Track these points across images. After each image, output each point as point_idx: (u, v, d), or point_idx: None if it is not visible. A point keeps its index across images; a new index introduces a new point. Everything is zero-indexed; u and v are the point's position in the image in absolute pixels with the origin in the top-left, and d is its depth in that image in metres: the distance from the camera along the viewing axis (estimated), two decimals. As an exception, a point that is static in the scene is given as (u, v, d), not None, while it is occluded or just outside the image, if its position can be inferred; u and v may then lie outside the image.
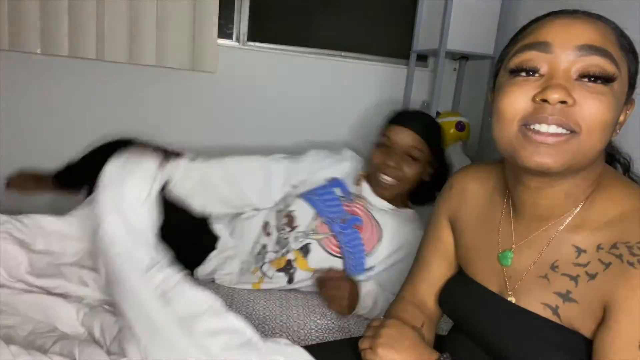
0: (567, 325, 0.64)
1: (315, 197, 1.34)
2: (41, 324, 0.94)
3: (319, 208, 1.31)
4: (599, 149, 0.61)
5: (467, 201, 0.84)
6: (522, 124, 0.61)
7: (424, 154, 1.30)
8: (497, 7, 1.86)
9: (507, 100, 0.63)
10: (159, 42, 1.79)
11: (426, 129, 1.32)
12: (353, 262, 1.25)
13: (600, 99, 0.58)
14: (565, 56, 0.60)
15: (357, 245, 1.25)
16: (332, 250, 1.25)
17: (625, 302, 0.58)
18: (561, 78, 0.59)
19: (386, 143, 1.32)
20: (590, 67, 0.58)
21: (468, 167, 0.89)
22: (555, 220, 0.68)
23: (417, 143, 1.29)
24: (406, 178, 1.30)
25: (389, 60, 2.22)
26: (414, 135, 1.29)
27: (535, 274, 0.69)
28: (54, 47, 1.68)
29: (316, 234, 1.27)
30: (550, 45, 0.61)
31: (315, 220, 1.29)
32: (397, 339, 0.77)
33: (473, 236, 0.81)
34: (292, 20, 2.15)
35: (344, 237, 1.26)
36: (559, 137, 0.59)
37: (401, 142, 1.29)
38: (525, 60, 0.62)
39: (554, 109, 0.58)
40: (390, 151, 1.30)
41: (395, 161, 1.28)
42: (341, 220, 1.28)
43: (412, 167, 1.29)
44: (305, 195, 1.35)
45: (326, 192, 1.36)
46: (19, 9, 1.63)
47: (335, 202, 1.34)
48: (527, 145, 0.61)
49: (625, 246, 0.60)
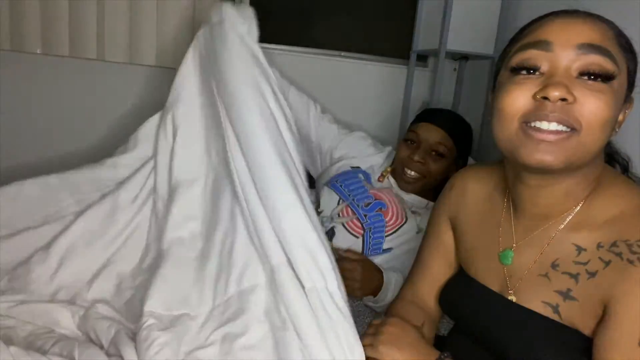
0: (568, 323, 0.64)
1: (339, 184, 1.36)
2: (40, 326, 0.94)
3: (343, 194, 1.33)
4: (599, 147, 0.61)
5: (467, 201, 0.85)
6: (522, 122, 0.62)
7: (450, 151, 1.31)
8: (497, 7, 1.86)
9: (508, 98, 0.63)
10: (159, 42, 1.79)
11: (454, 126, 1.34)
12: (372, 241, 1.26)
13: (600, 97, 0.58)
14: (566, 54, 0.60)
15: (378, 227, 1.27)
16: (355, 231, 1.27)
17: (625, 300, 0.58)
18: (562, 76, 0.60)
19: (413, 139, 1.34)
20: (590, 65, 0.59)
21: (468, 168, 0.90)
22: (556, 219, 0.69)
23: (443, 139, 1.31)
24: (431, 173, 1.31)
25: (389, 60, 2.22)
26: (441, 131, 1.31)
27: (536, 273, 0.69)
28: (54, 47, 1.68)
29: (341, 217, 1.30)
30: (550, 43, 0.61)
31: (339, 205, 1.32)
32: (398, 337, 0.78)
33: (474, 236, 0.82)
34: (292, 21, 2.15)
35: (368, 219, 1.28)
36: (560, 134, 0.59)
37: (428, 138, 1.31)
38: (525, 58, 0.63)
39: (555, 106, 0.59)
40: (417, 146, 1.32)
41: (420, 156, 1.30)
42: (365, 204, 1.30)
43: (438, 163, 1.31)
44: (330, 182, 1.38)
45: (349, 177, 1.38)
46: (20, 9, 1.63)
47: (360, 186, 1.35)
48: (527, 142, 0.61)
49: (625, 244, 0.60)
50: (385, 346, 0.77)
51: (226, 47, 1.04)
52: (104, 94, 1.89)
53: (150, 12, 1.75)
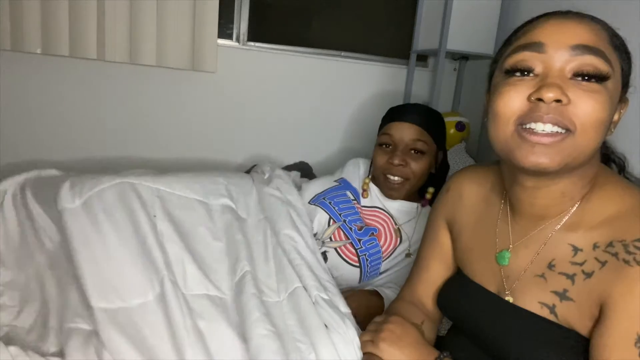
0: (564, 323, 0.64)
1: (328, 201, 1.30)
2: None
3: (332, 213, 1.28)
4: (594, 147, 0.61)
5: (464, 203, 0.85)
6: (518, 124, 0.62)
7: (428, 145, 1.24)
8: (497, 7, 1.86)
9: (502, 100, 0.63)
10: (159, 42, 1.79)
11: (427, 119, 1.26)
12: (370, 269, 1.22)
13: (595, 98, 0.58)
14: (559, 56, 0.60)
15: (375, 253, 1.23)
16: (349, 258, 1.22)
17: (621, 300, 0.58)
18: (556, 77, 0.60)
19: (387, 142, 1.26)
20: (584, 66, 0.59)
21: (465, 170, 0.90)
22: (552, 220, 0.69)
23: (420, 135, 1.23)
24: (415, 174, 1.24)
25: (389, 60, 2.22)
26: (415, 127, 1.23)
27: (533, 273, 0.69)
28: (54, 47, 1.68)
29: (333, 242, 1.24)
30: (543, 45, 0.61)
31: (330, 227, 1.26)
32: (399, 336, 0.78)
33: (471, 237, 0.82)
34: (292, 20, 2.15)
35: (362, 244, 1.23)
36: (555, 136, 0.59)
37: (404, 137, 1.23)
38: (519, 60, 0.63)
39: (549, 107, 0.59)
40: (394, 149, 1.25)
41: (400, 158, 1.22)
42: (358, 228, 1.25)
43: (419, 161, 1.23)
44: (318, 200, 1.31)
45: (339, 194, 1.32)
46: (20, 9, 1.63)
47: (350, 206, 1.29)
48: (522, 145, 0.61)
49: (621, 244, 0.60)
50: (386, 343, 0.77)
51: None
52: (104, 94, 1.89)
53: (150, 12, 1.75)
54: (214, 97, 2.02)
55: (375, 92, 2.21)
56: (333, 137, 2.21)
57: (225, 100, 2.03)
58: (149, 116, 1.97)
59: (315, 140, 2.17)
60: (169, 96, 1.97)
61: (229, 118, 2.05)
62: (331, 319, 0.88)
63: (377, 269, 1.24)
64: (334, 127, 2.20)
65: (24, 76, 1.79)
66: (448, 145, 1.90)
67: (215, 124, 2.05)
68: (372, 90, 2.20)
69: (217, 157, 2.08)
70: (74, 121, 1.88)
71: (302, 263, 1.04)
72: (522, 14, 1.82)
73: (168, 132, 2.00)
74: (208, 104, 2.02)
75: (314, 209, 1.30)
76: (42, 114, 1.85)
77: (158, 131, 1.99)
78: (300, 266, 1.03)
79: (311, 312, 0.91)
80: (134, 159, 1.98)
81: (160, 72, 1.91)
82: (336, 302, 0.95)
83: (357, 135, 2.21)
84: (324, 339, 0.84)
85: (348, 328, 0.87)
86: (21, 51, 1.67)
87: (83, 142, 1.91)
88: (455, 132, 1.96)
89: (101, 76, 1.87)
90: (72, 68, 1.83)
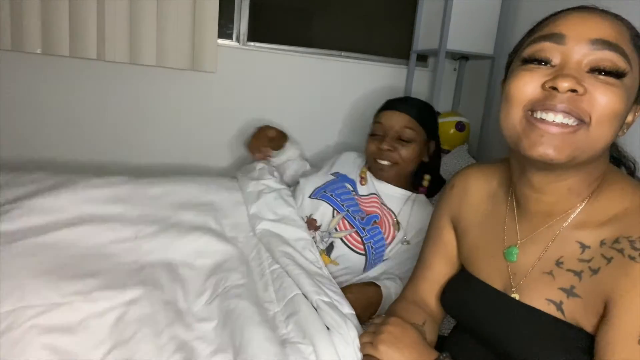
0: (571, 321, 0.64)
1: (329, 193, 1.34)
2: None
3: (336, 205, 1.32)
4: (606, 142, 0.61)
5: (469, 200, 0.84)
6: (528, 110, 0.61)
7: (417, 133, 1.31)
8: (497, 7, 1.86)
9: (516, 84, 0.63)
10: (159, 42, 1.79)
11: (416, 108, 1.34)
12: (375, 257, 1.26)
13: (612, 90, 0.58)
14: (579, 48, 0.60)
15: (379, 241, 1.26)
16: (355, 247, 1.26)
17: (626, 296, 0.58)
18: (572, 69, 0.60)
19: (378, 131, 1.34)
20: (602, 61, 0.59)
21: (470, 167, 0.89)
22: (560, 216, 0.68)
23: (408, 123, 1.31)
24: (403, 159, 1.31)
25: (389, 60, 2.22)
26: (404, 116, 1.31)
27: (540, 270, 0.69)
28: (54, 47, 1.68)
29: (339, 231, 1.28)
30: (564, 37, 0.61)
31: (335, 217, 1.30)
32: (398, 337, 0.78)
33: (476, 234, 0.81)
34: (292, 20, 2.15)
35: (367, 233, 1.26)
36: (566, 127, 0.59)
37: (393, 125, 1.31)
38: (538, 50, 0.63)
39: (563, 97, 0.59)
40: (383, 136, 1.32)
41: (389, 144, 1.30)
42: (361, 218, 1.29)
43: (408, 148, 1.31)
44: (319, 194, 1.35)
45: (338, 187, 1.37)
46: (20, 9, 1.63)
47: (350, 197, 1.34)
48: (530, 133, 0.61)
49: (627, 240, 0.60)
50: (385, 345, 0.77)
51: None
52: (104, 94, 1.89)
53: (150, 12, 1.75)
54: (213, 97, 2.01)
55: (375, 92, 2.21)
56: (333, 137, 2.20)
57: (225, 100, 2.03)
58: (149, 116, 1.97)
59: (315, 140, 2.17)
60: (169, 96, 1.96)
61: (229, 118, 2.05)
62: (332, 321, 0.88)
63: (381, 255, 1.27)
64: (333, 127, 2.20)
65: (24, 76, 1.79)
66: (449, 146, 1.90)
67: (215, 123, 2.04)
68: (372, 90, 2.20)
69: (217, 157, 2.07)
70: (74, 121, 1.88)
71: (300, 272, 1.04)
72: (522, 14, 1.82)
73: (168, 132, 2.00)
74: (208, 104, 2.01)
75: (317, 202, 1.32)
76: (42, 113, 1.84)
77: (158, 131, 1.99)
78: (299, 275, 1.03)
79: (312, 315, 0.91)
80: (134, 159, 1.97)
81: (160, 72, 1.91)
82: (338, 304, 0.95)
83: (356, 135, 2.21)
84: (325, 340, 0.84)
85: (349, 329, 0.87)
86: (21, 51, 1.66)
87: (83, 141, 1.91)
88: (455, 132, 1.96)
89: (101, 76, 1.87)
90: (72, 68, 1.82)
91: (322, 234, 1.29)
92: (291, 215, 1.27)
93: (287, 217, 1.26)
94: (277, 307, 0.97)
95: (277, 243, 1.16)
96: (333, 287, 1.02)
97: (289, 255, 1.11)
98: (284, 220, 1.25)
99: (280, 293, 1.00)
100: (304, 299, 0.96)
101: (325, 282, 1.03)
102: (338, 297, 0.98)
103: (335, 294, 0.99)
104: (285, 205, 1.30)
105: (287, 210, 1.28)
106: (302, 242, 1.19)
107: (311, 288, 0.98)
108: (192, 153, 2.04)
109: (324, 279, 1.04)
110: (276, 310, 0.96)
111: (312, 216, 1.32)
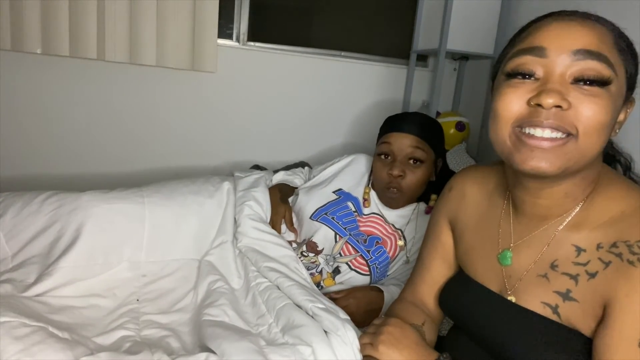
0: (567, 324, 0.64)
1: (330, 216, 1.31)
2: None
3: (337, 228, 1.29)
4: (597, 151, 0.61)
5: (466, 202, 0.85)
6: (516, 126, 0.62)
7: (427, 154, 1.26)
8: (497, 7, 1.86)
9: (502, 102, 0.63)
10: (159, 42, 1.79)
11: (425, 129, 1.28)
12: (379, 274, 1.25)
13: (596, 102, 0.58)
14: (561, 60, 0.60)
15: (384, 261, 1.25)
16: (360, 269, 1.23)
17: (625, 301, 0.58)
18: (556, 82, 0.59)
19: (387, 151, 1.28)
20: (586, 71, 0.58)
21: (467, 169, 0.90)
22: (555, 220, 0.69)
23: (418, 144, 1.25)
24: (414, 184, 1.26)
25: (389, 60, 2.22)
26: (413, 137, 1.25)
27: (535, 273, 0.69)
28: (54, 47, 1.68)
29: (344, 256, 1.25)
30: (545, 49, 0.61)
31: (338, 242, 1.27)
32: (398, 338, 0.78)
33: (473, 237, 0.81)
34: (292, 20, 2.15)
35: (372, 255, 1.24)
36: (555, 141, 0.59)
37: (403, 148, 1.25)
38: (520, 64, 0.62)
39: (549, 113, 0.59)
40: (393, 159, 1.26)
41: (399, 169, 1.24)
42: (363, 240, 1.27)
43: (418, 170, 1.25)
44: (320, 216, 1.31)
45: (341, 207, 1.33)
46: (20, 9, 1.63)
47: (352, 219, 1.31)
48: (521, 148, 0.61)
49: (625, 245, 0.60)
50: (385, 346, 0.77)
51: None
52: (104, 94, 1.89)
53: (150, 12, 1.75)
54: (214, 97, 2.01)
55: (376, 92, 2.21)
56: (333, 137, 2.21)
57: (225, 100, 2.03)
58: (149, 116, 1.97)
59: (316, 140, 2.17)
60: (169, 96, 1.96)
61: (229, 118, 2.05)
62: (330, 324, 0.88)
63: (385, 273, 1.26)
64: (334, 127, 2.20)
65: (24, 76, 1.79)
66: (448, 146, 1.90)
67: (216, 124, 2.04)
68: (372, 90, 2.20)
69: (217, 157, 2.07)
70: (74, 121, 1.88)
71: (292, 284, 1.04)
72: (522, 14, 1.82)
73: (168, 132, 2.00)
74: (208, 104, 2.02)
75: (318, 225, 1.30)
76: (41, 113, 1.84)
77: (158, 131, 1.99)
78: (290, 287, 1.03)
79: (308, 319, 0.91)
80: (134, 159, 1.98)
81: (160, 72, 1.91)
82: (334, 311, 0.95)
83: (357, 135, 2.21)
84: (323, 341, 0.84)
85: (347, 330, 0.87)
86: (21, 51, 1.66)
87: (83, 141, 1.91)
88: (455, 132, 1.96)
89: (101, 76, 1.87)
90: (72, 68, 1.82)
91: (327, 258, 1.26)
92: (273, 239, 1.27)
93: (269, 239, 1.26)
94: (270, 319, 0.98)
95: (262, 259, 1.17)
96: (326, 299, 1.02)
97: (276, 270, 1.12)
98: (267, 239, 1.26)
99: (269, 304, 1.01)
100: (296, 307, 0.97)
101: (317, 294, 1.03)
102: (333, 305, 0.98)
103: (329, 302, 0.99)
104: (269, 233, 1.29)
105: (269, 237, 1.28)
106: (288, 258, 1.19)
107: (304, 297, 0.98)
108: (191, 153, 2.04)
109: (315, 293, 1.05)
110: (269, 322, 0.97)
111: (312, 239, 1.29)
